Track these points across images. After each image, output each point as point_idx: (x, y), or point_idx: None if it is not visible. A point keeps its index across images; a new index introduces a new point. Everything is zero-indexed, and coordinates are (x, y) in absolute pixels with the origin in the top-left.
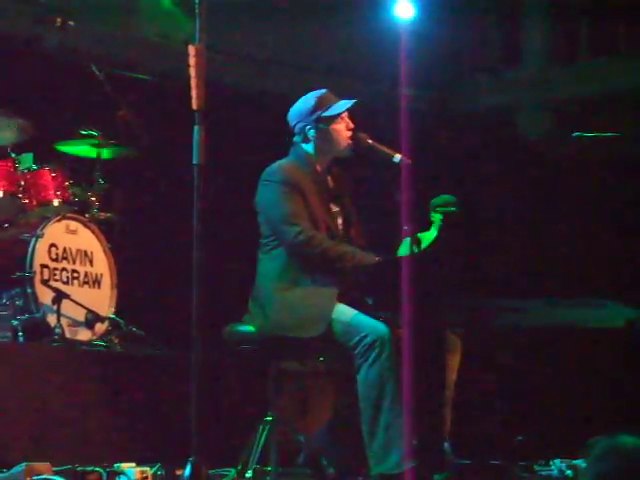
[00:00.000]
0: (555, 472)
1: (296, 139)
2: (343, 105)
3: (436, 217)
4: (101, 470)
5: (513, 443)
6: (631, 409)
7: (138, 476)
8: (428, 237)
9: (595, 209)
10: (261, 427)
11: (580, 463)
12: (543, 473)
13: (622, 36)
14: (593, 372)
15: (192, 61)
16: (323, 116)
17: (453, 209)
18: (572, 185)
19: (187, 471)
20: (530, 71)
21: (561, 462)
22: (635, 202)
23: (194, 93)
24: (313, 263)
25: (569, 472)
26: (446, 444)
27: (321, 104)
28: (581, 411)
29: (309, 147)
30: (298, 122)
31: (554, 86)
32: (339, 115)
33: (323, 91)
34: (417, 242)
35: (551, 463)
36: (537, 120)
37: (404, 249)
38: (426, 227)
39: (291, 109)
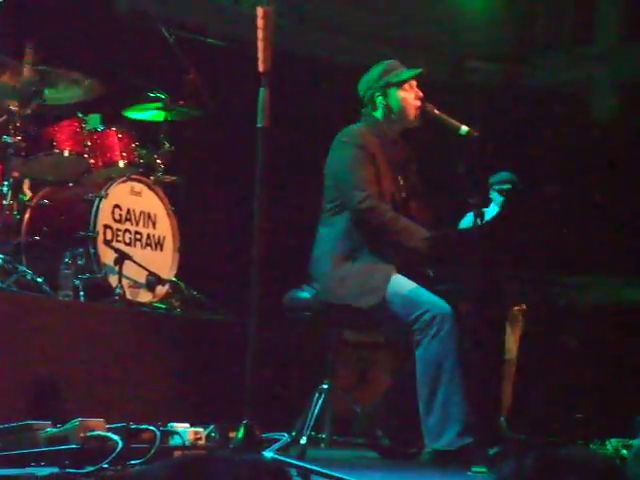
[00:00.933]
0: (611, 451)
1: (365, 110)
2: (410, 72)
3: (494, 195)
4: (155, 429)
5: (571, 421)
6: None
7: (192, 437)
8: (489, 213)
9: None
10: (317, 394)
11: (636, 443)
12: (599, 452)
13: None
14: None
15: (260, 23)
16: (391, 82)
17: (509, 187)
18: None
19: (240, 433)
20: (603, 47)
21: (617, 442)
22: None
23: (261, 55)
24: (372, 232)
25: (624, 452)
26: (502, 419)
27: (389, 71)
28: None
29: (378, 114)
30: (367, 90)
31: (627, 63)
32: (406, 81)
33: (391, 60)
34: (481, 215)
35: (607, 442)
36: (609, 97)
37: (467, 222)
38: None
39: (360, 79)
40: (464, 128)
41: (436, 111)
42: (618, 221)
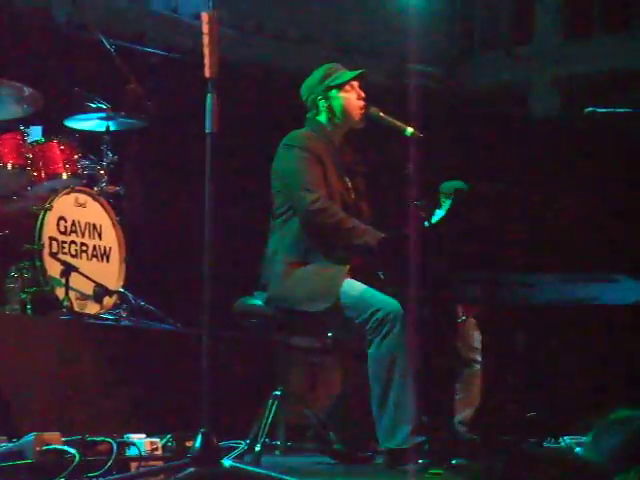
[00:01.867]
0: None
1: (309, 115)
2: (350, 73)
3: (446, 203)
4: (111, 440)
5: (524, 419)
6: None
7: (148, 447)
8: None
9: (609, 185)
10: (270, 401)
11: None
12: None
13: (635, 12)
14: (606, 349)
15: (205, 28)
16: (331, 85)
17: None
18: (585, 161)
19: (197, 442)
20: (542, 47)
21: (570, 439)
22: None
23: (207, 61)
24: (324, 234)
25: (578, 449)
26: (458, 420)
27: (329, 74)
28: (592, 388)
29: (322, 118)
30: (309, 95)
31: (566, 63)
32: (347, 83)
33: (332, 63)
34: (427, 216)
35: (560, 440)
36: (549, 97)
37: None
38: (435, 203)
39: (303, 84)
40: (409, 129)
41: (380, 113)
42: (568, 219)
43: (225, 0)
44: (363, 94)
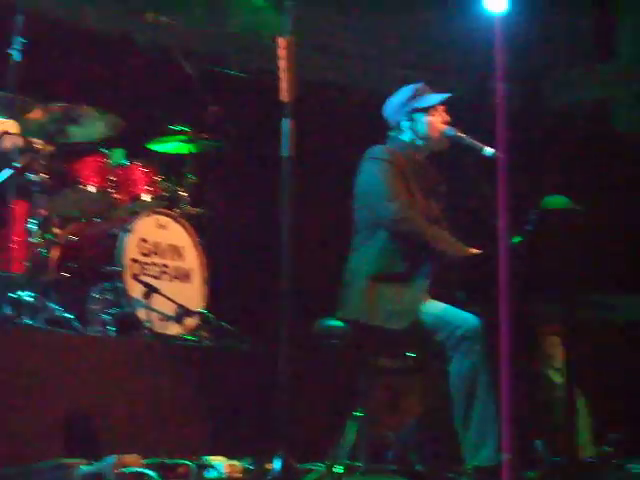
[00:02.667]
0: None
1: (392, 133)
2: (437, 97)
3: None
4: (190, 463)
5: (607, 441)
6: None
7: (227, 469)
8: None
9: None
10: (350, 423)
11: None
12: (635, 471)
13: None
14: None
15: (282, 53)
16: (417, 107)
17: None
18: None
19: (277, 465)
20: (624, 63)
21: None
22: None
23: (283, 85)
24: (410, 242)
25: None
26: (538, 441)
27: (415, 96)
28: None
29: (405, 138)
30: (393, 115)
31: None
32: (433, 107)
33: (418, 84)
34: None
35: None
36: (632, 113)
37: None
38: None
39: (386, 103)
40: (489, 150)
41: (460, 133)
42: None
43: (304, 21)
44: (447, 118)
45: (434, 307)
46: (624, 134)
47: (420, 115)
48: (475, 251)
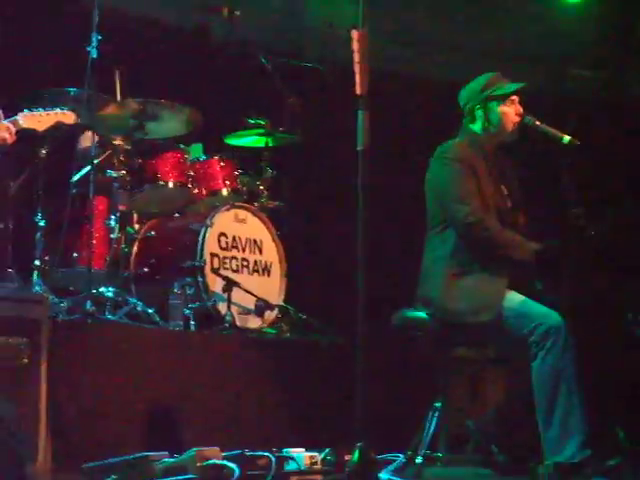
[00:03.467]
0: None
1: (465, 120)
2: (513, 86)
3: None
4: (270, 455)
5: None
6: None
7: (307, 461)
8: None
9: None
10: (431, 413)
11: None
12: None
13: None
14: None
15: (355, 46)
16: (492, 95)
17: None
18: None
19: (355, 456)
20: None
21: None
22: None
23: (357, 78)
24: (479, 245)
25: None
26: (619, 430)
27: (491, 84)
28: None
29: (477, 127)
30: (467, 102)
31: None
32: (508, 96)
33: (494, 73)
34: (586, 225)
35: None
36: None
37: None
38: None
39: (461, 90)
40: (566, 137)
41: (537, 122)
42: None
43: (377, 12)
44: (521, 109)
45: (515, 301)
46: None
47: (494, 104)
48: (538, 246)
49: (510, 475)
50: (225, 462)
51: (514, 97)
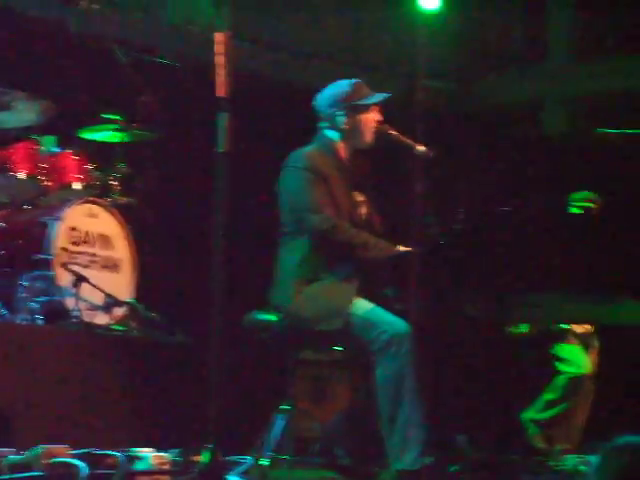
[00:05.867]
0: (569, 467)
1: (322, 124)
2: (380, 96)
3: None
4: (118, 454)
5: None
6: None
7: (155, 461)
8: None
9: (615, 205)
10: (278, 415)
11: (593, 459)
12: (557, 468)
13: None
14: (612, 369)
15: (218, 48)
16: (357, 104)
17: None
18: (593, 181)
19: (204, 458)
20: (554, 66)
21: (575, 458)
22: None
23: (219, 80)
24: (335, 252)
25: (582, 467)
26: (460, 437)
27: (356, 92)
28: (598, 409)
29: (334, 134)
30: (328, 107)
31: (577, 81)
32: (371, 106)
33: (357, 80)
34: (438, 233)
35: (565, 458)
36: (560, 115)
37: None
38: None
39: (320, 94)
40: (419, 148)
41: (392, 131)
42: (573, 239)
43: (238, 13)
44: (380, 117)
45: (363, 308)
46: (551, 136)
47: (356, 112)
48: (403, 249)
49: (353, 478)
50: (73, 460)
51: (374, 106)
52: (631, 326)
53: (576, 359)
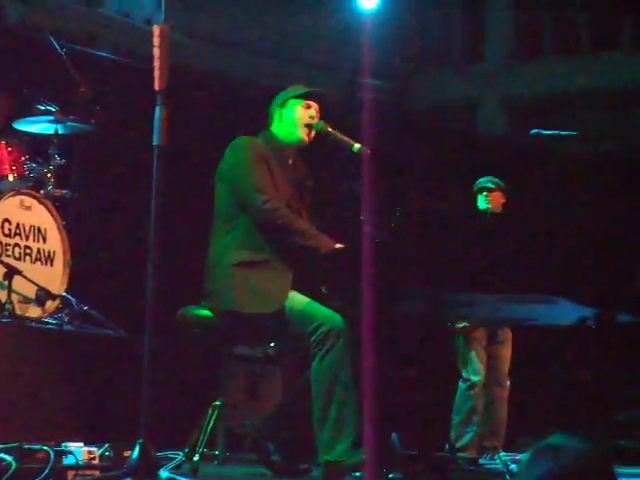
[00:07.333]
0: (500, 466)
1: (268, 122)
2: (305, 89)
3: (481, 198)
4: (48, 449)
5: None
6: (583, 406)
7: (85, 456)
8: None
9: (548, 206)
10: (210, 411)
11: (524, 457)
12: (488, 466)
13: (586, 34)
14: (545, 368)
15: (156, 41)
16: (288, 96)
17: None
18: (529, 181)
19: (135, 453)
20: (491, 67)
21: (506, 456)
22: (589, 200)
23: (157, 73)
24: (273, 235)
25: (513, 466)
26: (394, 435)
27: (292, 89)
28: (527, 407)
29: (275, 129)
30: (271, 106)
31: (514, 82)
32: (302, 99)
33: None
34: (376, 232)
35: (496, 457)
36: (496, 115)
37: None
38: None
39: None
40: (357, 146)
41: (329, 129)
42: (509, 239)
43: (177, 7)
44: (314, 114)
45: (298, 301)
46: (486, 135)
47: (290, 105)
48: (340, 246)
49: (284, 475)
50: (1, 454)
51: (311, 102)
52: (562, 325)
53: (473, 366)
